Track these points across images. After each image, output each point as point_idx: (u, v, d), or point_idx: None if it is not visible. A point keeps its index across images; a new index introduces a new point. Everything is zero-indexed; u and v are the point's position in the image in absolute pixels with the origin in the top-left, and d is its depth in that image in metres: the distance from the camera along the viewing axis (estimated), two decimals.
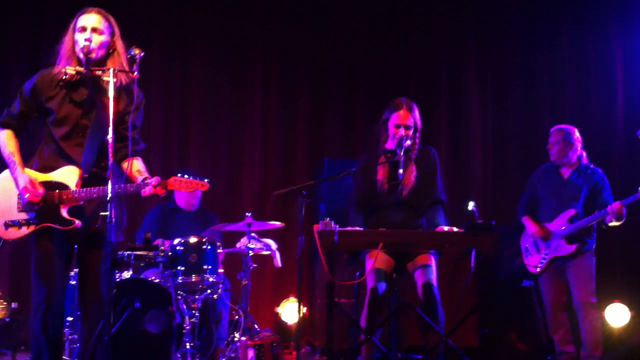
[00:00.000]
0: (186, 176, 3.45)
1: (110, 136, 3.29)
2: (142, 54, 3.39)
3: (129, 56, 3.43)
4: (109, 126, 3.35)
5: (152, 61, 6.43)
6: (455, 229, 4.12)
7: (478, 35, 7.21)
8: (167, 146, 6.62)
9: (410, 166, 4.38)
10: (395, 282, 4.35)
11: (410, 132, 4.39)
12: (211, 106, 6.77)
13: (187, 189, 3.46)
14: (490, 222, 4.01)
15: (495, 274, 5.78)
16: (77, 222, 3.46)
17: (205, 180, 3.51)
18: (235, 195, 6.69)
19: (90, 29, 3.51)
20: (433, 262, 4.31)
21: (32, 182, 3.46)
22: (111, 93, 3.35)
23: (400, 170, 4.25)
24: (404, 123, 4.39)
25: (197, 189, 3.49)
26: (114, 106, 3.32)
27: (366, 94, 6.95)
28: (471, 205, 4.33)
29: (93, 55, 3.50)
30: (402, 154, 4.27)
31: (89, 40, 3.48)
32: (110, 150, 3.27)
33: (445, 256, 4.48)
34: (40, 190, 3.46)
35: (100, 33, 3.53)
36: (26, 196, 3.45)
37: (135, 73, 3.43)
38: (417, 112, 4.46)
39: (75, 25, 3.55)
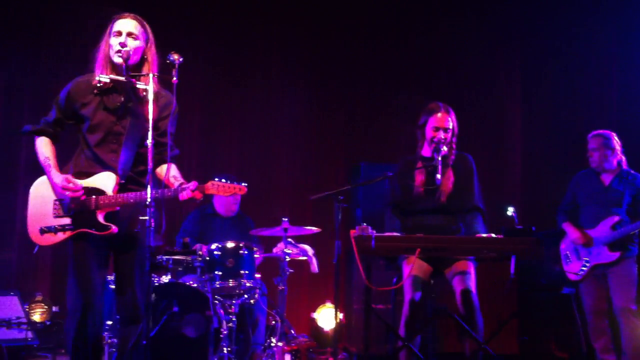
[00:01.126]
0: (223, 180, 3.45)
1: (149, 141, 3.29)
2: (181, 59, 3.38)
3: (167, 61, 3.41)
4: (143, 132, 3.37)
5: (192, 66, 6.48)
6: (494, 236, 4.07)
7: (517, 40, 7.13)
8: (206, 152, 6.66)
9: (447, 172, 4.35)
10: (432, 288, 4.31)
11: (449, 136, 4.37)
12: (249, 111, 6.80)
13: (224, 193, 3.45)
14: (530, 228, 3.95)
15: (536, 281, 5.70)
16: (114, 227, 3.46)
17: (244, 184, 3.51)
18: (272, 200, 6.70)
19: (125, 34, 3.52)
20: (472, 269, 4.27)
21: (67, 178, 3.46)
22: (150, 97, 3.36)
23: (438, 176, 4.23)
24: (442, 126, 4.37)
25: (235, 193, 3.49)
26: (150, 111, 3.32)
27: (404, 98, 6.90)
28: (510, 211, 4.26)
29: (129, 60, 3.50)
30: (439, 159, 4.24)
31: (123, 44, 3.49)
32: (150, 155, 3.28)
33: (484, 262, 4.43)
34: (79, 184, 3.45)
35: (136, 38, 3.54)
36: (67, 193, 3.45)
37: (174, 78, 3.41)
38: (454, 116, 4.44)
39: (110, 30, 3.56)
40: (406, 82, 7.03)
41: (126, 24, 3.54)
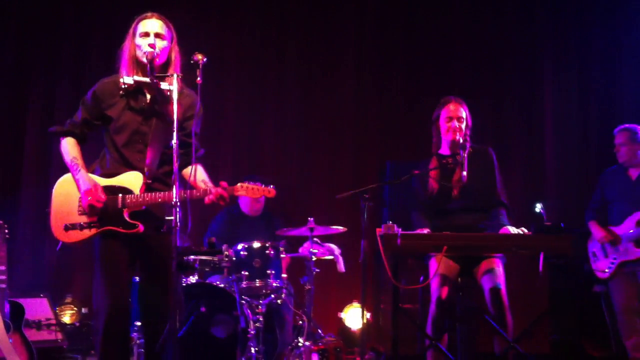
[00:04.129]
0: (252, 182, 3.46)
1: (174, 141, 3.28)
2: (205, 60, 3.37)
3: (192, 62, 3.40)
4: (168, 133, 3.38)
5: (226, 66, 6.51)
6: (524, 230, 4.01)
7: (554, 34, 7.04)
8: (238, 150, 6.67)
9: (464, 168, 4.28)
10: (460, 287, 4.27)
11: (462, 125, 4.34)
12: (279, 111, 6.79)
13: (253, 195, 3.46)
14: (559, 224, 3.90)
15: (567, 278, 5.63)
16: (140, 226, 3.46)
17: (271, 186, 3.50)
18: (300, 200, 6.69)
19: (153, 34, 3.53)
20: (500, 267, 4.22)
21: (95, 186, 3.47)
22: (175, 99, 3.35)
23: (464, 173, 4.19)
24: (455, 115, 4.38)
25: (262, 195, 3.48)
26: (175, 112, 3.31)
27: (435, 95, 6.81)
28: (539, 207, 4.20)
29: (157, 60, 3.52)
30: (464, 155, 4.20)
31: (152, 45, 3.50)
32: (175, 155, 3.27)
33: (513, 260, 4.38)
34: (103, 196, 3.46)
35: (163, 38, 3.56)
36: (88, 199, 3.44)
37: (199, 79, 3.40)
38: (466, 108, 4.42)
39: (135, 30, 3.57)
40: (436, 79, 6.96)
41: (153, 25, 3.56)
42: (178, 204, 3.24)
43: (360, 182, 6.43)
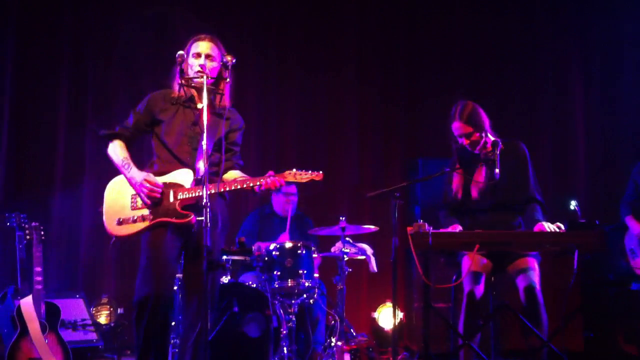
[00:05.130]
0: (300, 170, 3.58)
1: (204, 142, 3.43)
2: (234, 61, 3.66)
3: (221, 63, 3.70)
4: (215, 140, 3.69)
5: (250, 63, 6.55)
6: (559, 225, 3.95)
7: (583, 24, 6.96)
8: (265, 149, 6.69)
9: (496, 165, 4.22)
10: (493, 285, 4.23)
11: (473, 139, 4.26)
12: (306, 109, 6.80)
13: (302, 180, 3.57)
14: (594, 221, 3.84)
15: (602, 276, 5.54)
16: (193, 215, 3.60)
17: (320, 171, 3.61)
18: (331, 199, 6.69)
19: (204, 56, 3.73)
20: (535, 264, 4.17)
21: (149, 175, 3.67)
22: (205, 100, 3.50)
23: (497, 170, 4.14)
24: (462, 133, 4.27)
25: (311, 180, 3.58)
26: (205, 115, 3.46)
27: (463, 92, 6.79)
28: (573, 205, 4.16)
29: (207, 80, 3.65)
30: (497, 152, 4.15)
31: (203, 67, 3.69)
32: (205, 157, 3.42)
33: (546, 257, 4.32)
34: (160, 183, 3.65)
35: (213, 59, 3.76)
36: (146, 187, 3.61)
37: (228, 79, 3.72)
38: (474, 116, 4.27)
39: (189, 50, 3.78)
40: (465, 76, 6.92)
41: (204, 46, 3.78)
42: (208, 204, 3.32)
43: (387, 180, 6.43)
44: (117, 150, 3.79)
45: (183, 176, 3.70)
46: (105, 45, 6.38)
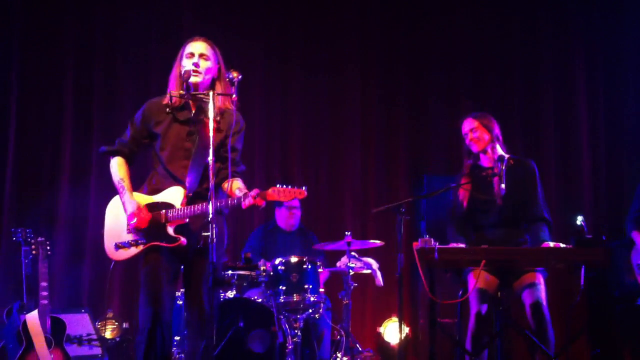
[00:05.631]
0: (284, 186, 3.49)
1: (210, 158, 3.36)
2: (240, 77, 3.50)
3: (227, 79, 3.56)
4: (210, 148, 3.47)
5: (253, 82, 6.55)
6: (562, 245, 3.95)
7: (586, 35, 6.96)
8: (269, 165, 6.67)
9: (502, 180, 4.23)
10: (499, 301, 4.21)
11: (477, 134, 4.36)
12: (311, 124, 6.80)
13: (285, 197, 3.50)
14: (600, 237, 3.83)
15: (608, 292, 5.51)
16: (183, 239, 3.57)
17: (303, 188, 3.54)
18: (336, 214, 6.68)
19: (198, 55, 3.67)
20: (541, 280, 4.16)
21: (139, 209, 3.61)
22: (211, 114, 3.44)
23: (503, 185, 4.14)
24: (468, 128, 4.41)
25: (295, 198, 3.52)
26: (211, 127, 3.41)
27: (468, 107, 6.78)
28: (579, 220, 4.14)
29: (199, 79, 3.64)
30: (503, 167, 4.15)
31: (196, 64, 3.64)
32: (211, 171, 3.35)
33: (553, 273, 4.30)
34: (147, 217, 3.60)
35: (207, 59, 3.69)
36: (133, 222, 3.59)
37: (234, 95, 3.56)
38: (485, 117, 4.42)
39: (182, 52, 3.73)
40: (471, 91, 6.90)
41: (198, 46, 3.71)
42: (214, 220, 3.30)
43: (391, 196, 6.41)
44: (115, 169, 3.76)
45: (174, 195, 3.63)
46: (110, 50, 6.40)
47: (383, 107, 6.89)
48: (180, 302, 4.83)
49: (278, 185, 3.50)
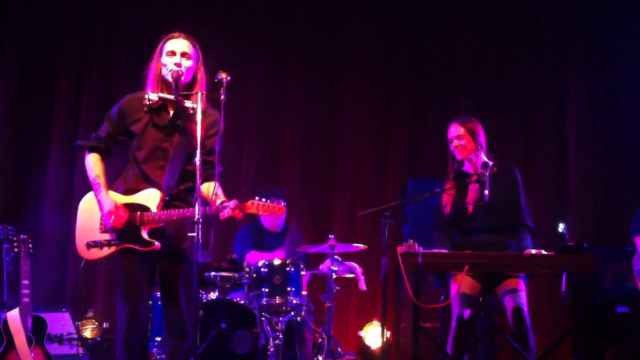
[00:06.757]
0: (264, 200, 3.46)
1: (197, 159, 3.32)
2: (228, 78, 3.42)
3: (216, 80, 3.44)
4: (190, 150, 3.45)
5: (248, 83, 6.55)
6: (544, 252, 3.98)
7: (580, 50, 6.98)
8: (260, 166, 6.67)
9: (485, 187, 4.26)
10: (482, 306, 4.24)
11: (464, 142, 4.34)
12: (300, 129, 6.79)
13: (264, 212, 3.46)
14: (582, 244, 3.87)
15: (590, 298, 5.55)
16: (157, 243, 3.49)
17: (283, 203, 3.52)
18: (323, 217, 6.67)
19: (179, 54, 3.58)
20: (523, 287, 4.19)
21: (116, 207, 3.53)
22: (199, 117, 3.39)
23: (486, 191, 4.17)
24: (454, 135, 4.38)
25: (274, 213, 3.48)
26: (198, 129, 3.35)
27: (466, 109, 6.74)
28: (561, 227, 4.19)
29: (182, 79, 3.56)
30: (487, 174, 4.18)
31: (178, 64, 3.55)
32: (198, 172, 3.31)
33: (535, 279, 4.34)
34: (125, 216, 3.52)
35: (189, 58, 3.60)
36: (110, 220, 3.50)
37: (222, 97, 3.44)
38: (472, 124, 4.39)
39: (162, 49, 3.62)
40: (468, 97, 6.89)
41: (179, 44, 3.60)
42: (200, 220, 3.26)
43: (382, 200, 6.42)
44: (91, 166, 3.64)
45: (150, 197, 3.54)
46: (110, 51, 6.41)
47: (381, 109, 6.88)
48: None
49: (257, 199, 3.45)
